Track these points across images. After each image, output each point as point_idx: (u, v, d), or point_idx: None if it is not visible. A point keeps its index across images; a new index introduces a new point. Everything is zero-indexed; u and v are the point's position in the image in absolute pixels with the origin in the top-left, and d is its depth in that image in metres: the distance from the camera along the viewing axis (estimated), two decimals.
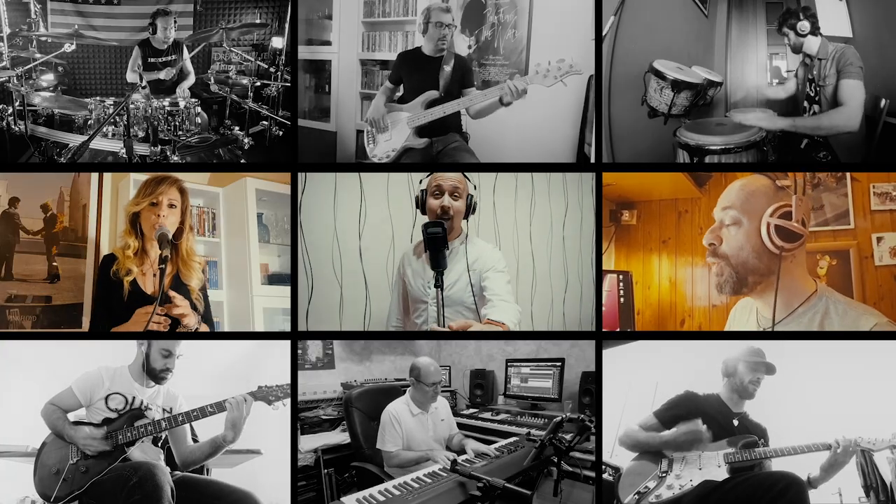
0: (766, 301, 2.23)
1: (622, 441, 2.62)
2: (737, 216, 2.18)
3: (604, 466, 2.68)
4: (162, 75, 3.89)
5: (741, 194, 2.22)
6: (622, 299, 3.67)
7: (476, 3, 3.93)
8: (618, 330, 3.58)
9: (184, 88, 3.96)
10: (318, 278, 3.16)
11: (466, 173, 2.68)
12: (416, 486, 2.19)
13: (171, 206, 2.54)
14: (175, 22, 3.90)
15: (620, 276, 3.70)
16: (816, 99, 3.13)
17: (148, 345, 2.49)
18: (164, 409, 2.51)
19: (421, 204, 2.65)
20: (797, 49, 3.13)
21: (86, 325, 3.04)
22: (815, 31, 3.07)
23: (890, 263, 3.15)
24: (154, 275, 2.55)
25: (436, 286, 2.27)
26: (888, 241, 3.17)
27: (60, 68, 4.07)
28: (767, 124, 3.10)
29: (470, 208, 2.64)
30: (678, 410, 2.60)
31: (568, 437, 2.22)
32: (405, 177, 3.30)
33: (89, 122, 3.61)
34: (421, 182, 2.68)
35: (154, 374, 2.50)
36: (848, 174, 3.24)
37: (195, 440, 2.57)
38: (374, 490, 2.13)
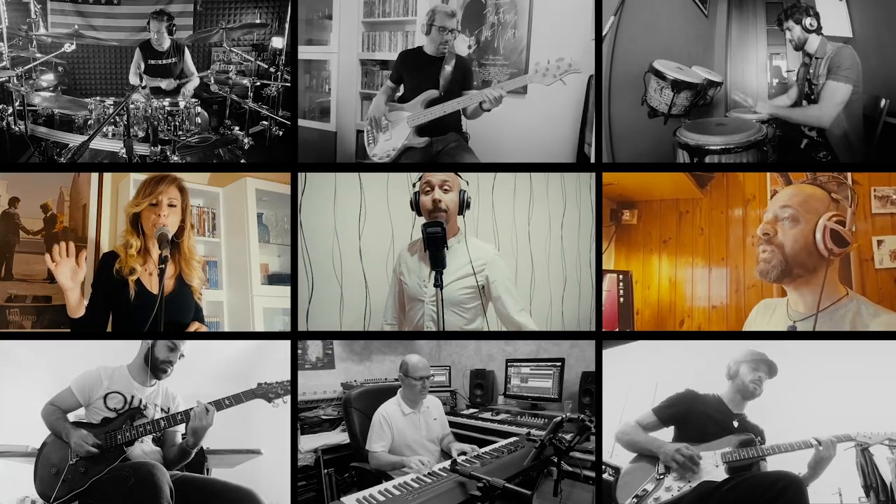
0: (800, 295, 2.30)
1: (619, 438, 2.62)
2: (795, 214, 2.26)
3: (604, 466, 2.67)
4: (163, 86, 3.88)
5: (800, 196, 2.31)
6: (622, 299, 3.66)
7: (476, 3, 3.93)
8: (617, 330, 3.58)
9: (189, 90, 3.96)
10: (318, 278, 3.16)
11: (460, 172, 2.66)
12: (416, 486, 2.19)
13: (171, 205, 2.52)
14: (173, 25, 3.89)
15: (620, 276, 3.69)
16: (812, 97, 3.14)
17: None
18: (161, 409, 2.51)
19: (416, 205, 2.65)
20: (800, 45, 3.13)
21: None
22: (818, 29, 3.08)
23: (890, 266, 3.14)
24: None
25: (436, 286, 2.26)
26: (888, 245, 3.17)
27: (60, 68, 4.08)
28: (760, 108, 3.24)
29: (464, 204, 2.62)
30: (678, 408, 2.60)
31: (568, 437, 2.21)
32: (405, 177, 3.30)
33: (89, 122, 3.62)
34: (414, 185, 2.68)
35: (156, 366, 2.49)
36: (849, 177, 3.24)
37: (184, 437, 2.56)
38: (374, 490, 2.14)
